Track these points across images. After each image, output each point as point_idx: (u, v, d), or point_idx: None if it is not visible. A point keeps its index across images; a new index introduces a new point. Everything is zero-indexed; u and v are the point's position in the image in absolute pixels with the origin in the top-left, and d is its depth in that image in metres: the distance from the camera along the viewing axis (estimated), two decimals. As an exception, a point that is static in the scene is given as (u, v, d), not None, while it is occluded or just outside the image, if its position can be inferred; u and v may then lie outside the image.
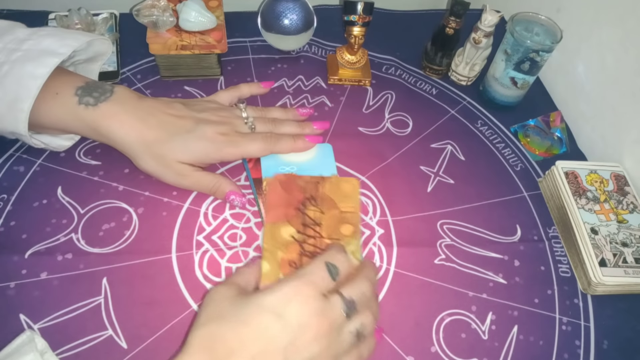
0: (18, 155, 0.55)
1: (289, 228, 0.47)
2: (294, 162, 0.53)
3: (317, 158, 0.55)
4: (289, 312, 0.33)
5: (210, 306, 0.35)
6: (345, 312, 0.35)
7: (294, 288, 0.34)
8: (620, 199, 0.56)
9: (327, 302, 0.35)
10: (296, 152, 0.54)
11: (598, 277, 0.50)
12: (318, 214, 0.48)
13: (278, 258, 0.44)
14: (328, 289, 0.36)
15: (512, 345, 0.48)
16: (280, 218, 0.47)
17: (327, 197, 0.50)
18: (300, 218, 0.47)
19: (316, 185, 0.50)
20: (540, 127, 0.67)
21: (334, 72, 0.69)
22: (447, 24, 0.66)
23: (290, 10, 0.65)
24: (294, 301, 0.33)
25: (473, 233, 0.56)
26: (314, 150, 0.55)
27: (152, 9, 0.63)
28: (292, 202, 0.49)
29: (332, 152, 0.56)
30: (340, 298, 0.35)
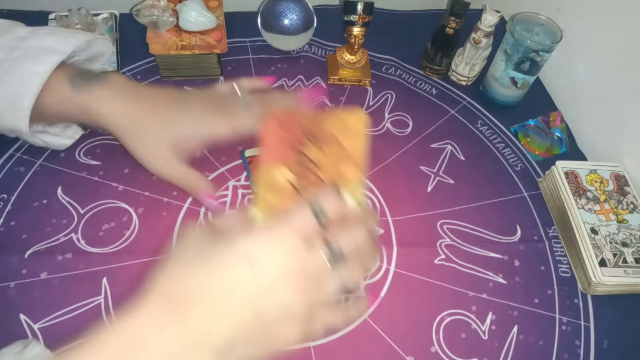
0: (18, 155, 0.55)
1: (284, 170, 0.40)
2: None
3: None
4: (264, 258, 0.28)
5: (180, 250, 0.31)
6: (330, 262, 0.30)
7: (272, 232, 0.29)
8: (620, 199, 0.56)
9: (309, 250, 0.30)
10: None
11: (598, 277, 0.50)
12: (319, 154, 0.42)
13: (271, 205, 0.38)
14: (313, 235, 0.31)
15: (512, 345, 0.48)
16: (275, 160, 0.41)
17: (329, 131, 0.43)
18: (299, 159, 0.41)
19: (318, 119, 0.44)
20: (540, 127, 0.67)
21: (334, 72, 0.69)
22: (447, 24, 0.66)
23: (290, 10, 0.65)
24: (271, 247, 0.29)
25: (473, 233, 0.56)
26: None
27: (152, 9, 0.63)
28: (289, 140, 0.42)
29: None
30: (325, 246, 0.31)
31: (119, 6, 0.70)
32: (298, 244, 0.29)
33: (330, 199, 0.32)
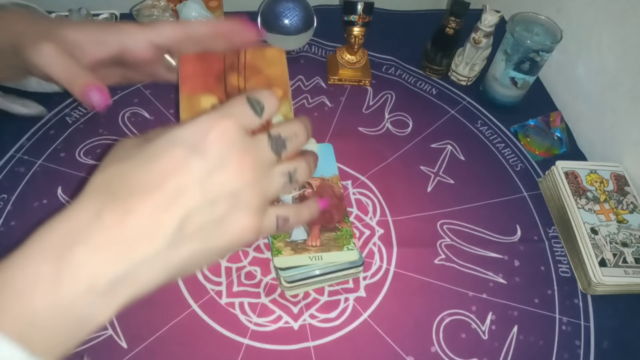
0: (19, 156, 0.55)
1: (209, 97, 0.40)
2: None
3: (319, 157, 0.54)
4: (206, 145, 0.27)
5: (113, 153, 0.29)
6: (273, 149, 0.30)
7: (211, 121, 0.28)
8: (620, 199, 0.56)
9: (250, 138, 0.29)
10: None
11: (598, 277, 0.50)
12: (242, 81, 0.42)
13: None
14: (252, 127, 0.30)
15: (512, 345, 0.48)
16: (198, 89, 0.40)
17: (251, 64, 0.44)
18: (222, 87, 0.41)
19: (237, 54, 0.44)
20: (540, 127, 0.67)
21: (334, 72, 0.69)
22: (447, 24, 0.66)
23: (290, 10, 0.65)
24: (212, 134, 0.27)
25: (473, 233, 0.56)
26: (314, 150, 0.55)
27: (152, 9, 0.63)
28: (211, 72, 0.42)
29: (332, 152, 0.56)
30: (266, 135, 0.30)
31: (119, 6, 0.70)
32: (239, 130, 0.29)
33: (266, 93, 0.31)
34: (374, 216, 0.55)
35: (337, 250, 0.47)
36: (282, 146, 0.31)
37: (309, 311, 0.48)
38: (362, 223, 0.55)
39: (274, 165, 0.31)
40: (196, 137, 0.27)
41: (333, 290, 0.49)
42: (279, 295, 0.48)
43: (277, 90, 0.39)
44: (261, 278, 0.49)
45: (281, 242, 0.47)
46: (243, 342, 0.45)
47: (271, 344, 0.46)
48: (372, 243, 0.53)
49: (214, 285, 0.48)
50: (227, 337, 0.45)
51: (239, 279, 0.49)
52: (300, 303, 0.48)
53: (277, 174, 0.31)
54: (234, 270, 0.50)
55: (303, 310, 0.48)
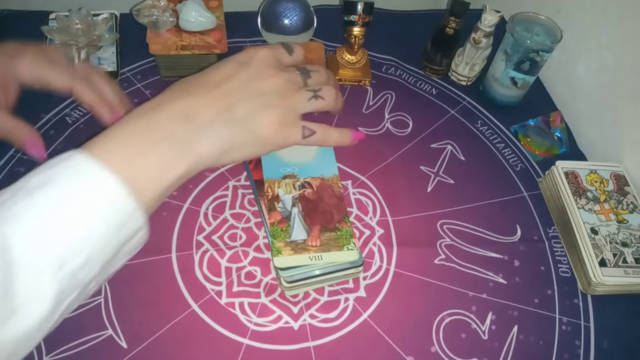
0: (19, 156, 0.55)
1: None
2: (296, 162, 0.54)
3: (318, 159, 0.55)
4: (251, 62, 0.41)
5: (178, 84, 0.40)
6: (301, 76, 0.43)
7: (255, 49, 0.42)
8: (620, 199, 0.56)
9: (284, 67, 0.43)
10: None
11: (598, 277, 0.50)
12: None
13: None
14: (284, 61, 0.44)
15: (512, 345, 0.48)
16: None
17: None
18: None
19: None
20: (540, 127, 0.67)
21: (334, 72, 0.69)
22: (447, 24, 0.66)
23: (290, 10, 0.65)
24: (256, 56, 0.41)
25: (473, 233, 0.56)
26: (314, 150, 0.55)
27: (152, 9, 0.63)
28: None
29: (333, 153, 0.56)
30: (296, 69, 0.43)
31: (119, 6, 0.70)
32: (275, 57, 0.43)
33: (296, 45, 0.45)
34: (374, 216, 0.55)
35: (337, 250, 0.47)
36: (307, 75, 0.43)
37: (309, 311, 0.48)
38: (362, 223, 0.55)
39: (301, 85, 0.43)
40: (245, 58, 0.41)
41: (333, 290, 0.50)
42: (279, 295, 0.48)
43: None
44: (261, 278, 0.49)
45: (281, 242, 0.47)
46: (243, 342, 0.45)
47: (271, 344, 0.46)
48: (372, 243, 0.53)
49: (214, 285, 0.48)
50: (227, 337, 0.45)
51: (239, 279, 0.49)
52: (300, 303, 0.48)
53: (304, 90, 0.42)
54: (234, 270, 0.50)
55: (303, 310, 0.48)
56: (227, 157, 0.40)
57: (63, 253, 0.30)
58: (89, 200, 0.31)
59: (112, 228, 0.32)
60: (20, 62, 0.45)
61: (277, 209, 0.50)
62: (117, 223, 0.32)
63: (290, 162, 0.54)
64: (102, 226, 0.31)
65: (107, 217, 0.32)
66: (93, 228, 0.31)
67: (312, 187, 0.52)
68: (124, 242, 0.33)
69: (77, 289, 0.31)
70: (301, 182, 0.52)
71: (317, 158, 0.55)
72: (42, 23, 0.65)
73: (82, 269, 0.31)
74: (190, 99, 0.38)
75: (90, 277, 0.32)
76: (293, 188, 0.51)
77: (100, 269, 0.32)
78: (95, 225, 0.31)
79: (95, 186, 0.32)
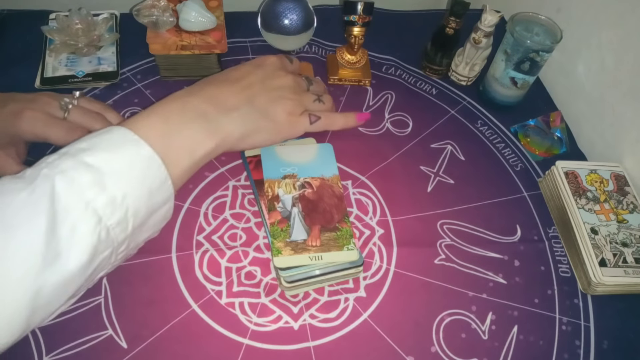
0: (18, 155, 0.55)
1: None
2: (296, 163, 0.54)
3: (319, 158, 0.55)
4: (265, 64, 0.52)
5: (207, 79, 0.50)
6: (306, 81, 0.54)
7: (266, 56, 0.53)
8: (620, 199, 0.56)
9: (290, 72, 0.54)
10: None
11: (598, 277, 0.50)
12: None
13: None
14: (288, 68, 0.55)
15: (512, 345, 0.48)
16: None
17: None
18: None
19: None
20: (540, 127, 0.67)
21: (334, 72, 0.69)
22: (447, 24, 0.66)
23: (290, 10, 0.65)
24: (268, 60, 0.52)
25: (473, 233, 0.56)
26: (315, 150, 0.56)
27: (152, 9, 0.63)
28: None
29: (332, 153, 0.56)
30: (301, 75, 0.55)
31: (119, 6, 0.70)
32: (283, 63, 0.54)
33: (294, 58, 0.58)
34: (374, 216, 0.55)
35: (337, 250, 0.47)
36: (310, 82, 0.56)
37: (309, 311, 0.48)
38: (362, 223, 0.55)
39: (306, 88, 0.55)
40: (258, 62, 0.52)
41: (333, 290, 0.50)
42: (279, 295, 0.48)
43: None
44: (261, 278, 0.49)
45: (281, 242, 0.47)
46: (243, 342, 0.45)
47: (271, 344, 0.46)
48: (372, 243, 0.53)
49: (214, 285, 0.48)
50: (227, 337, 0.45)
51: (239, 279, 0.49)
52: (300, 303, 0.48)
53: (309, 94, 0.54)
54: (234, 270, 0.50)
55: (303, 310, 0.48)
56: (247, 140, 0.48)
57: (102, 209, 0.34)
58: (127, 166, 0.36)
59: (145, 194, 0.37)
60: (19, 123, 0.47)
61: (277, 209, 0.50)
62: (150, 189, 0.37)
63: (290, 162, 0.54)
64: (137, 190, 0.36)
65: (141, 181, 0.36)
66: (129, 189, 0.35)
67: (312, 187, 0.52)
68: (153, 211, 0.39)
69: (109, 247, 0.36)
70: (301, 182, 0.52)
71: (317, 158, 0.55)
72: (42, 23, 0.65)
73: (117, 226, 0.35)
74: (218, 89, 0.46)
75: (123, 237, 0.36)
76: (293, 188, 0.52)
77: (131, 231, 0.37)
78: (131, 187, 0.36)
79: (133, 154, 0.36)
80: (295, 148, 0.55)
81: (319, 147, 0.56)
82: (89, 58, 0.64)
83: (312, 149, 0.56)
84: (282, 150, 0.55)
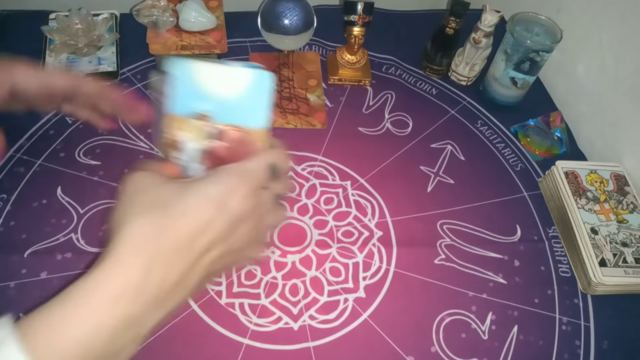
0: (18, 156, 0.55)
1: None
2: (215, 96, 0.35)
3: (248, 96, 0.36)
4: (232, 204, 0.33)
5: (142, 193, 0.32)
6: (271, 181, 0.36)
7: (239, 183, 0.33)
8: (620, 199, 0.56)
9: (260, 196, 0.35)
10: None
11: (598, 277, 0.50)
12: (290, 73, 0.68)
13: None
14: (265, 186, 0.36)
15: (512, 345, 0.48)
16: None
17: (297, 62, 0.69)
18: (277, 76, 0.67)
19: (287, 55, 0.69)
20: (540, 127, 0.67)
21: (334, 72, 0.69)
22: (447, 24, 0.66)
23: (290, 10, 0.65)
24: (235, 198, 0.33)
25: (473, 233, 0.56)
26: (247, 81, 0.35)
27: (152, 9, 0.63)
28: (270, 66, 0.66)
29: (269, 90, 0.35)
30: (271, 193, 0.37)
31: (119, 6, 0.70)
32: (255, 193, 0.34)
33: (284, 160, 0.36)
34: (373, 218, 0.55)
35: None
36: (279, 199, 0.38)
37: (309, 312, 0.48)
38: (361, 224, 0.55)
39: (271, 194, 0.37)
40: (226, 197, 0.32)
41: (333, 290, 0.49)
42: (278, 295, 0.48)
43: (313, 80, 0.68)
44: (261, 277, 0.49)
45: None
46: (243, 342, 0.45)
47: (271, 344, 0.46)
48: (371, 244, 0.53)
49: (214, 285, 0.48)
50: (227, 337, 0.45)
51: (239, 280, 0.49)
52: (300, 303, 0.48)
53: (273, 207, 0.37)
54: (233, 270, 0.49)
55: (303, 311, 0.48)
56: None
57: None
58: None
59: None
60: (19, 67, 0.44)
61: (175, 161, 0.36)
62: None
63: (207, 93, 0.36)
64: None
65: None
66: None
67: (227, 142, 0.36)
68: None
69: None
70: (215, 129, 0.36)
71: (245, 95, 0.36)
72: (42, 23, 0.65)
73: None
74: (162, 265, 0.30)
75: None
76: (202, 136, 0.36)
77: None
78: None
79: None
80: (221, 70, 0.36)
81: (254, 77, 0.35)
82: (89, 58, 0.64)
83: (243, 77, 0.35)
84: (203, 71, 0.35)
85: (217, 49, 0.63)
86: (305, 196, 0.56)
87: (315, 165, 0.59)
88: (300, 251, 0.52)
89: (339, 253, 0.52)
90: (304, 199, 0.56)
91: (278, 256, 0.51)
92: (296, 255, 0.51)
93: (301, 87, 0.67)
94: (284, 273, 0.50)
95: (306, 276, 0.50)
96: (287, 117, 0.63)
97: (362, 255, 0.52)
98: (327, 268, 0.51)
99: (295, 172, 0.58)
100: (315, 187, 0.57)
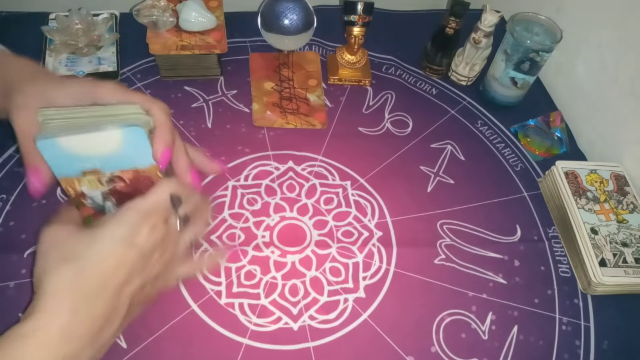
0: (19, 156, 0.55)
1: (269, 82, 0.67)
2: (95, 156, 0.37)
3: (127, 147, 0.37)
4: (140, 240, 0.35)
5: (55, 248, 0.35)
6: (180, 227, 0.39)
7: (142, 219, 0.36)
8: (620, 199, 0.56)
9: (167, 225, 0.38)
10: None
11: (598, 277, 0.50)
12: (290, 73, 0.69)
13: (264, 101, 0.65)
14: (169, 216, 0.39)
15: (512, 345, 0.48)
16: (262, 77, 0.68)
17: (297, 62, 0.70)
18: (277, 76, 0.68)
19: (287, 55, 0.70)
20: (540, 127, 0.67)
21: (334, 72, 0.69)
22: (447, 24, 0.66)
23: (290, 10, 0.65)
24: (143, 230, 0.36)
25: (473, 233, 0.56)
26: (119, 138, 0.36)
27: (152, 9, 0.63)
28: (270, 66, 0.69)
29: (146, 138, 0.36)
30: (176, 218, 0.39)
31: (119, 6, 0.70)
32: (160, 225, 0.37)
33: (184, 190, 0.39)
34: (372, 218, 0.55)
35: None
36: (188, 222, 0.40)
37: (309, 312, 0.48)
38: (361, 224, 0.55)
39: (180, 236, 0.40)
40: (132, 234, 0.35)
41: (333, 290, 0.49)
42: (278, 295, 0.48)
43: (313, 80, 0.69)
44: (261, 277, 0.49)
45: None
46: (242, 342, 0.45)
47: (271, 344, 0.46)
48: (371, 244, 0.53)
49: (213, 285, 0.48)
50: (227, 337, 0.45)
51: (239, 280, 0.49)
52: (299, 303, 0.48)
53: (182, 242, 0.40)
54: (233, 270, 0.49)
55: (302, 311, 0.48)
56: None
57: None
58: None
59: None
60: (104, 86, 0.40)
61: (87, 205, 0.39)
62: None
63: (87, 155, 0.37)
64: None
65: None
66: None
67: (125, 181, 0.39)
68: None
69: None
70: (108, 177, 0.38)
71: (124, 147, 0.37)
72: (42, 23, 0.65)
73: None
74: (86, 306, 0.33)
75: None
76: (100, 184, 0.38)
77: None
78: None
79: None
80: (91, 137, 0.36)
81: (124, 133, 0.36)
82: (89, 58, 0.64)
83: (114, 137, 0.36)
84: (71, 144, 0.36)
85: (217, 49, 0.63)
86: (305, 196, 0.56)
87: (315, 165, 0.59)
88: (300, 251, 0.52)
89: (338, 253, 0.52)
90: (304, 199, 0.56)
91: (278, 256, 0.51)
92: (296, 256, 0.51)
93: (301, 87, 0.67)
94: (284, 273, 0.50)
95: (306, 276, 0.50)
96: (287, 117, 0.63)
97: (362, 255, 0.52)
98: (327, 268, 0.51)
99: (296, 172, 0.58)
100: (315, 187, 0.57)
